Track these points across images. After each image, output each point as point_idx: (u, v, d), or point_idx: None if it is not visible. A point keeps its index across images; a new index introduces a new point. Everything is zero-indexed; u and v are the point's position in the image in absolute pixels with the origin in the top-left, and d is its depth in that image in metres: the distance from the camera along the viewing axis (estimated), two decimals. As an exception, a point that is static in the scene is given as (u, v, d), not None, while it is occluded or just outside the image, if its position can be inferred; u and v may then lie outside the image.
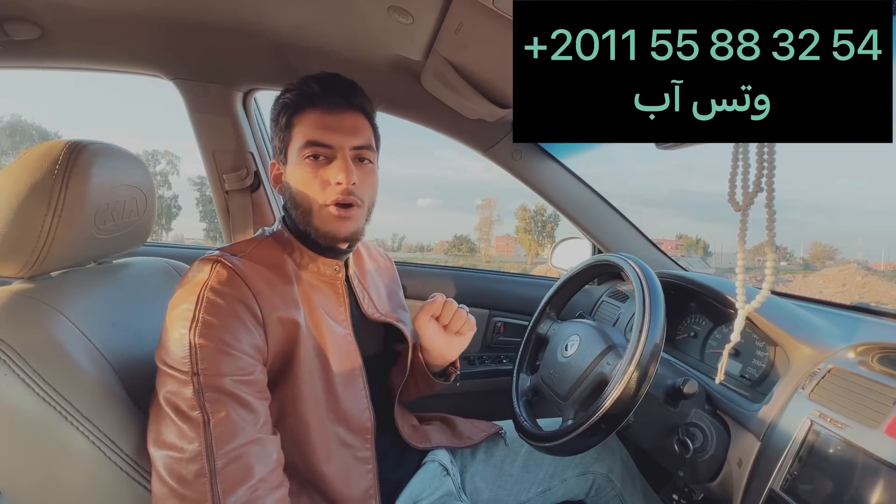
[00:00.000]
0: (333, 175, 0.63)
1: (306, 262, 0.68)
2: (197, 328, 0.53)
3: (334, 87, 0.65)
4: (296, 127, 0.65)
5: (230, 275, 0.57)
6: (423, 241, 68.67)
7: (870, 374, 0.58)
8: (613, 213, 1.29)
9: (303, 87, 0.65)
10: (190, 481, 0.49)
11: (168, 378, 0.53)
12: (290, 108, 0.65)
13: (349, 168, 0.63)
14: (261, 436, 0.54)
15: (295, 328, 0.61)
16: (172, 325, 0.54)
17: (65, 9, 0.90)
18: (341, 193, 0.63)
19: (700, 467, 0.70)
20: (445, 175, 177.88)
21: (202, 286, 0.56)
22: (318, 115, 0.64)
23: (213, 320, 0.54)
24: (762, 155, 0.45)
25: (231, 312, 0.55)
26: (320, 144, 0.63)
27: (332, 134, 0.63)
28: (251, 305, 0.57)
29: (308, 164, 0.64)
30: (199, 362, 0.52)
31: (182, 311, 0.54)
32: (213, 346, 0.53)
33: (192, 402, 0.51)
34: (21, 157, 0.56)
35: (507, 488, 0.83)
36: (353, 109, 0.66)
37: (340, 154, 0.64)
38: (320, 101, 0.64)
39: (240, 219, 1.24)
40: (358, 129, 0.65)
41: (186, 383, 0.52)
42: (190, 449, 0.50)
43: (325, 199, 0.64)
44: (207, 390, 0.52)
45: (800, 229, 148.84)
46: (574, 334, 0.82)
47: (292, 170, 0.66)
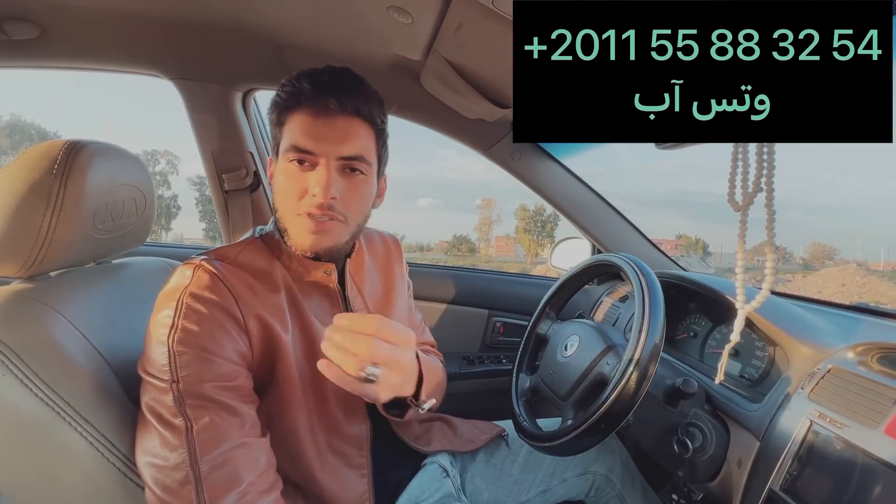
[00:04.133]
0: (312, 185, 0.58)
1: (295, 266, 0.65)
2: (176, 335, 0.51)
3: (328, 86, 0.58)
4: (285, 126, 0.60)
5: (212, 280, 0.55)
6: (423, 241, 68.68)
7: (869, 374, 0.58)
8: (613, 213, 1.29)
9: (295, 85, 0.59)
10: (175, 490, 0.48)
11: (150, 386, 0.52)
12: (280, 106, 0.61)
13: (328, 180, 0.58)
14: (247, 440, 0.53)
15: (279, 336, 0.59)
16: (153, 332, 0.53)
17: (64, 8, 0.90)
18: (317, 207, 0.58)
19: (699, 467, 0.70)
20: (445, 175, 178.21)
21: (181, 292, 0.54)
22: (306, 118, 0.58)
23: (192, 327, 0.52)
24: (762, 155, 0.45)
25: (212, 319, 0.53)
26: (303, 150, 0.58)
27: (317, 140, 0.58)
28: (232, 311, 0.55)
29: (292, 168, 0.59)
30: (179, 370, 0.50)
31: (162, 317, 0.53)
32: (193, 353, 0.51)
33: (174, 409, 0.50)
34: (20, 157, 0.56)
35: (506, 489, 0.83)
36: (346, 113, 0.59)
37: (324, 162, 0.58)
38: (309, 101, 0.58)
39: (239, 219, 1.23)
40: (350, 135, 0.59)
41: (166, 391, 0.50)
42: (173, 457, 0.49)
43: (299, 208, 0.59)
44: (189, 397, 0.50)
45: (799, 229, 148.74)
46: (573, 334, 0.82)
47: (278, 171, 0.62)
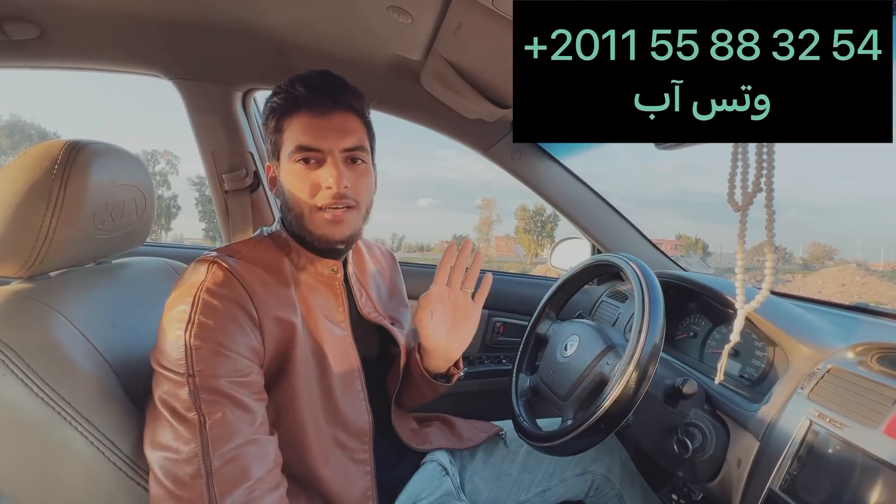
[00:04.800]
0: (324, 179, 0.62)
1: (303, 262, 0.68)
2: (192, 329, 0.53)
3: (320, 87, 0.63)
4: (285, 131, 0.64)
5: (226, 276, 0.57)
6: (423, 241, 68.72)
7: (869, 374, 0.58)
8: (613, 213, 1.29)
9: (289, 90, 0.63)
10: (186, 483, 0.49)
11: (164, 379, 0.53)
12: (278, 112, 0.64)
13: (339, 172, 0.62)
14: (258, 436, 0.54)
15: (291, 330, 0.61)
16: (168, 326, 0.54)
17: (64, 8, 0.90)
18: (332, 198, 0.62)
19: (699, 467, 0.70)
20: (445, 175, 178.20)
21: (198, 287, 0.55)
22: (306, 119, 0.63)
23: (208, 322, 0.53)
24: (761, 155, 0.45)
25: (227, 314, 0.55)
26: (310, 149, 0.62)
27: (320, 137, 0.62)
28: (247, 307, 0.57)
29: (299, 168, 0.63)
30: (195, 364, 0.52)
31: (178, 312, 0.54)
32: (208, 347, 0.53)
33: (188, 403, 0.51)
34: (20, 157, 0.56)
35: (506, 488, 0.83)
36: (341, 109, 0.64)
37: (331, 157, 0.63)
38: (306, 103, 0.63)
39: (239, 219, 1.23)
40: (347, 129, 0.64)
41: (182, 385, 0.51)
42: (186, 450, 0.50)
43: (316, 203, 0.63)
44: (203, 392, 0.51)
45: (799, 229, 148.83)
46: (573, 334, 0.82)
47: (285, 173, 0.65)
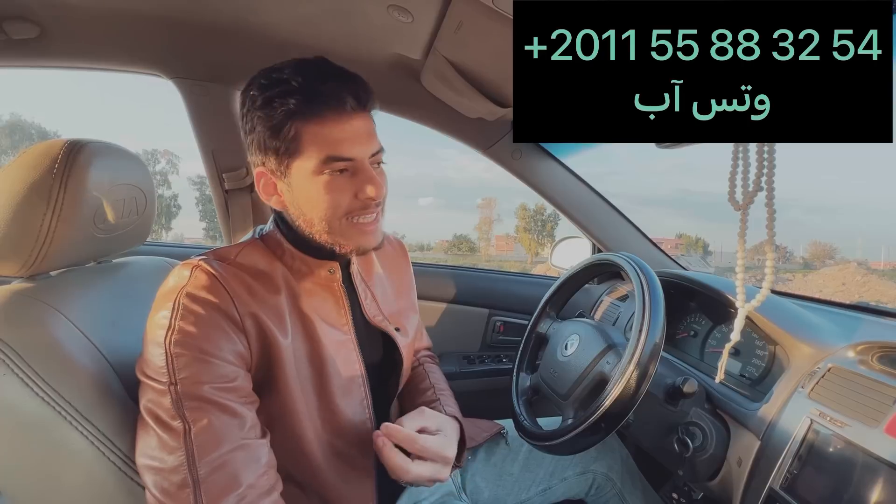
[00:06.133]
0: (364, 190, 0.58)
1: (298, 265, 0.64)
2: (172, 336, 0.51)
3: (337, 86, 0.57)
4: (304, 139, 0.56)
5: (210, 280, 0.54)
6: (424, 241, 68.65)
7: (870, 373, 0.58)
8: (613, 212, 1.29)
9: (303, 88, 0.56)
10: (173, 493, 0.48)
11: (147, 388, 0.51)
12: (295, 115, 0.56)
13: (378, 181, 0.59)
14: (247, 441, 0.52)
15: (275, 338, 0.58)
16: (150, 333, 0.52)
17: (64, 7, 0.90)
18: (366, 207, 0.60)
19: (700, 466, 0.70)
20: (446, 174, 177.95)
21: (178, 292, 0.53)
22: (333, 125, 0.57)
23: (190, 329, 0.51)
24: (762, 154, 0.45)
25: (209, 320, 0.53)
26: (342, 159, 0.57)
27: (353, 145, 0.58)
28: (230, 312, 0.54)
29: (331, 181, 0.58)
30: (177, 372, 0.50)
31: (158, 318, 0.52)
32: (190, 355, 0.51)
33: (172, 411, 0.49)
34: (20, 157, 0.56)
35: (507, 487, 0.83)
36: (361, 111, 0.60)
37: (363, 166, 0.59)
38: (328, 106, 0.56)
39: (239, 218, 1.23)
40: (371, 133, 0.60)
41: (164, 393, 0.50)
42: (171, 459, 0.49)
43: (350, 214, 0.59)
44: (186, 399, 0.50)
45: (799, 228, 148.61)
46: (574, 333, 0.82)
47: (304, 186, 0.58)
